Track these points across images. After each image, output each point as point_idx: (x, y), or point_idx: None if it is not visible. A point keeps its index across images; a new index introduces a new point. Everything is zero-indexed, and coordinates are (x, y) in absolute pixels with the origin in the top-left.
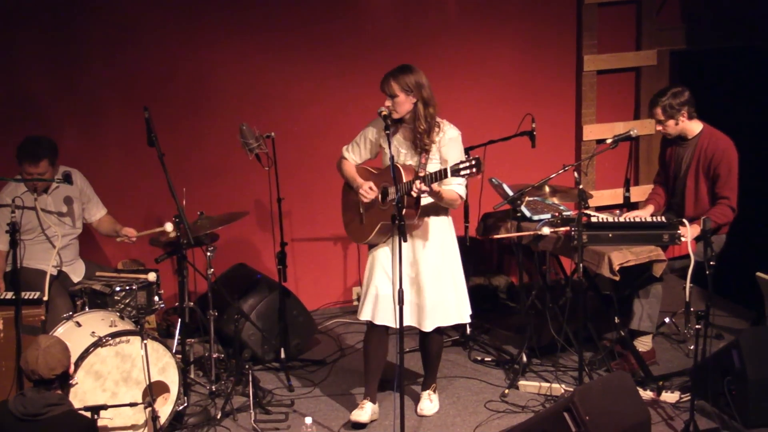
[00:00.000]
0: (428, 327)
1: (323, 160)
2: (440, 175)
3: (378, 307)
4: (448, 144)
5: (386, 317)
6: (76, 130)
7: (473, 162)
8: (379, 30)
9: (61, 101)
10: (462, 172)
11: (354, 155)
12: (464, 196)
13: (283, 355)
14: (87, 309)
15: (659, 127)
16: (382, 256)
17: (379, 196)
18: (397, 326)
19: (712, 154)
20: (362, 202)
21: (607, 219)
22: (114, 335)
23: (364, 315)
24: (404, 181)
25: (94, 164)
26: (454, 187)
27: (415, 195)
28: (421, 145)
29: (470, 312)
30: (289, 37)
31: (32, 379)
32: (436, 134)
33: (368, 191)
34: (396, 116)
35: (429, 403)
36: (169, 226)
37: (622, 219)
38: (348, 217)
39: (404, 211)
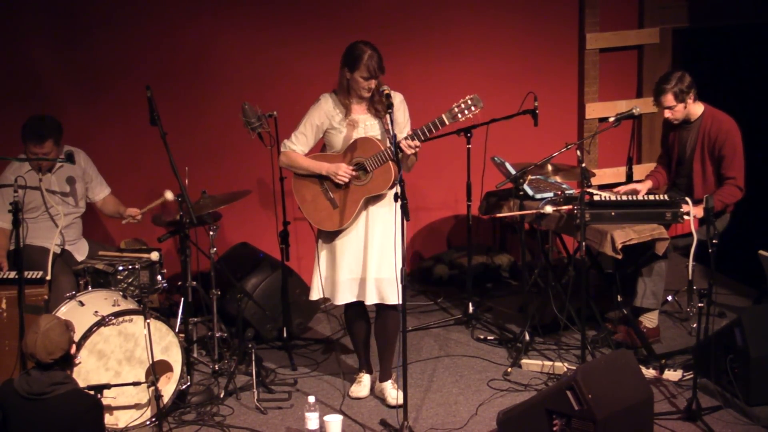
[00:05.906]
0: (394, 299)
1: None
2: (435, 126)
3: (340, 289)
4: (400, 107)
5: (346, 296)
6: (79, 109)
7: (469, 101)
8: (381, 7)
9: (63, 79)
10: (459, 116)
11: (301, 145)
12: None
13: (285, 334)
14: (90, 288)
15: (668, 114)
16: (345, 243)
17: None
18: (357, 299)
19: (716, 136)
20: (334, 185)
21: (609, 197)
22: (117, 314)
23: (317, 295)
24: (382, 149)
25: (97, 143)
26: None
27: (410, 153)
28: (384, 109)
29: None
30: (291, 14)
31: (33, 361)
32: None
33: (348, 171)
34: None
35: (395, 391)
36: (169, 194)
37: (622, 197)
38: (312, 207)
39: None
